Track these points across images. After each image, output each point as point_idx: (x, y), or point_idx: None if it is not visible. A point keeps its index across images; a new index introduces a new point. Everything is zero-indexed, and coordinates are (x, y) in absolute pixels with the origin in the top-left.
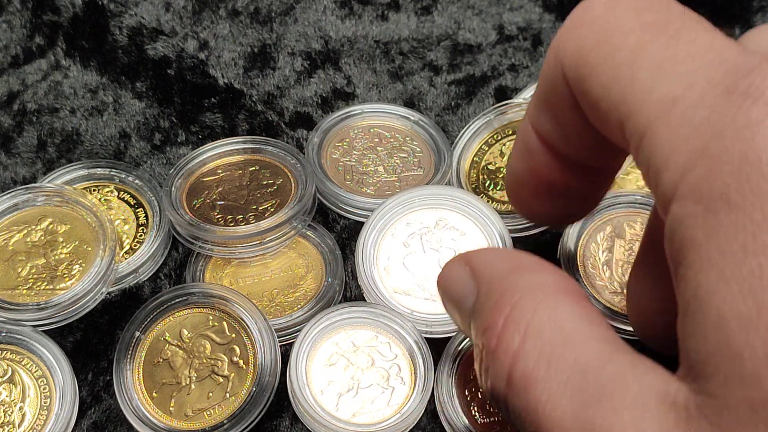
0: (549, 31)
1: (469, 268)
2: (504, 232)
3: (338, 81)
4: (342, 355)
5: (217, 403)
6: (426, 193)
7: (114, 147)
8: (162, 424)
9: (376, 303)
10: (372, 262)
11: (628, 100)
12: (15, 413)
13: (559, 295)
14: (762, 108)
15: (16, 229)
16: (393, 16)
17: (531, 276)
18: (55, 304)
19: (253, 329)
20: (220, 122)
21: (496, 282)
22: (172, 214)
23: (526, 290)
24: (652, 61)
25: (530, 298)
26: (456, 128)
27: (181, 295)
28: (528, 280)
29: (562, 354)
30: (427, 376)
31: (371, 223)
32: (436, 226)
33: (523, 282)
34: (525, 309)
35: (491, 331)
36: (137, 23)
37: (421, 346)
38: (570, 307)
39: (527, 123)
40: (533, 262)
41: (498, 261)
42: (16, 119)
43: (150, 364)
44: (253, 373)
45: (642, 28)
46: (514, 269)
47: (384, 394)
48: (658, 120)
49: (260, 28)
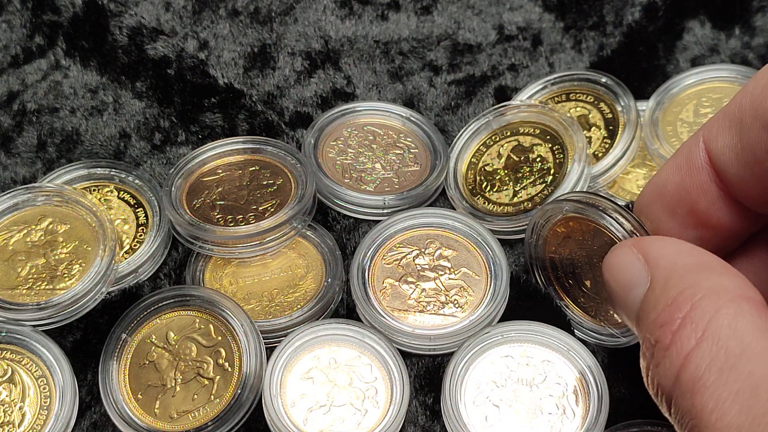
0: (549, 31)
1: (642, 256)
2: (592, 363)
3: (338, 81)
4: (321, 371)
5: (202, 405)
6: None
7: (114, 147)
8: (146, 425)
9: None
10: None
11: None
12: (15, 413)
13: (741, 302)
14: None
15: (16, 229)
16: (393, 16)
17: (715, 277)
18: (55, 304)
19: (240, 332)
20: (220, 122)
21: (676, 278)
22: (172, 214)
23: (708, 291)
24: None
25: (713, 300)
26: (456, 128)
27: (167, 298)
28: (712, 281)
29: (736, 364)
30: (402, 403)
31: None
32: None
33: (707, 282)
34: (705, 311)
35: (667, 327)
36: (137, 23)
37: (402, 374)
38: (751, 316)
39: (698, 138)
40: (717, 263)
41: (679, 255)
42: (16, 119)
43: (136, 366)
44: (238, 376)
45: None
46: (697, 267)
47: (356, 415)
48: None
49: (260, 28)
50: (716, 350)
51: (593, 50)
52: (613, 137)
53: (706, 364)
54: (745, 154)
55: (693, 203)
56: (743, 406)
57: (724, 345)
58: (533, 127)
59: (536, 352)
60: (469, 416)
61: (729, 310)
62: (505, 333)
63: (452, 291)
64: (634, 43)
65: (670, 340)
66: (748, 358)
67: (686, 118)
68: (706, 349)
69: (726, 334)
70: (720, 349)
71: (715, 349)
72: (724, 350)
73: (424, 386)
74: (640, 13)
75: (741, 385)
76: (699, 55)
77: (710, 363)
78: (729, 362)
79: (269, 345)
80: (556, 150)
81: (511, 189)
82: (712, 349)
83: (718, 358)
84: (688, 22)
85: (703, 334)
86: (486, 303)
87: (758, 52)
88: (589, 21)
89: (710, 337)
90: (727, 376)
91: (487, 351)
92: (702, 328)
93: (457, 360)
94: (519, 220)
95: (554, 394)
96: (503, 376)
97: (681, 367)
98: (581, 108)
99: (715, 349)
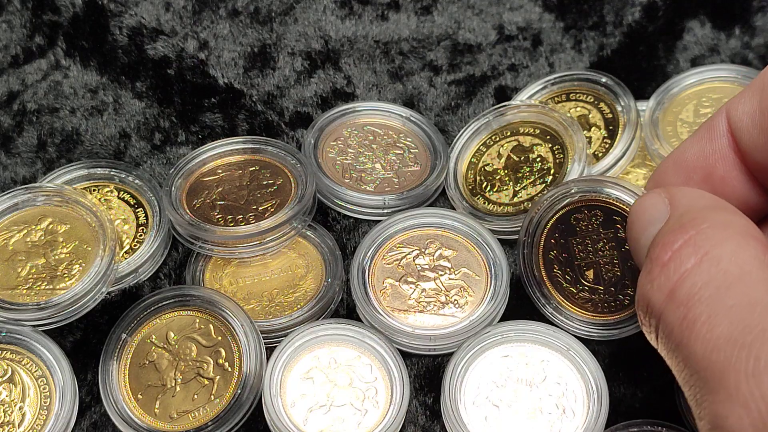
0: (549, 31)
1: (667, 197)
2: (592, 363)
3: (338, 81)
4: (321, 371)
5: (202, 405)
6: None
7: (114, 147)
8: (146, 425)
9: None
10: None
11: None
12: (15, 413)
13: (748, 238)
14: None
15: (16, 229)
16: (393, 16)
17: (727, 215)
18: (55, 304)
19: (240, 332)
20: (220, 122)
21: (691, 211)
22: (172, 214)
23: (717, 223)
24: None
25: (719, 230)
26: (456, 128)
27: (167, 298)
28: (722, 216)
29: (734, 284)
30: (402, 403)
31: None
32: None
33: (717, 216)
34: (710, 237)
35: (668, 246)
36: (137, 23)
37: (402, 374)
38: (755, 251)
39: (722, 109)
40: (733, 208)
41: (699, 197)
42: (16, 119)
43: (136, 366)
44: (238, 376)
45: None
46: (714, 205)
47: (356, 415)
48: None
49: (260, 28)
50: (715, 271)
51: (593, 50)
52: (613, 137)
53: (704, 282)
54: (763, 120)
55: (710, 169)
56: (735, 319)
57: (724, 268)
58: (533, 127)
59: (536, 352)
60: (468, 416)
61: (733, 241)
62: (505, 333)
63: (452, 291)
64: (634, 43)
65: (669, 257)
66: (746, 282)
67: (686, 118)
68: (704, 269)
69: (727, 259)
70: (719, 271)
71: (714, 270)
72: (723, 272)
73: (424, 386)
74: (640, 13)
75: (736, 301)
76: (699, 55)
77: (708, 281)
78: (726, 282)
79: (269, 345)
80: (556, 150)
81: (511, 189)
82: (711, 270)
83: (716, 277)
84: (688, 22)
85: (704, 257)
86: (486, 303)
87: (758, 52)
88: (589, 21)
89: (711, 259)
90: (724, 293)
91: (486, 351)
92: (703, 251)
93: (457, 360)
94: (519, 220)
95: (554, 394)
96: (503, 376)
97: (677, 282)
98: (581, 108)
99: (714, 270)
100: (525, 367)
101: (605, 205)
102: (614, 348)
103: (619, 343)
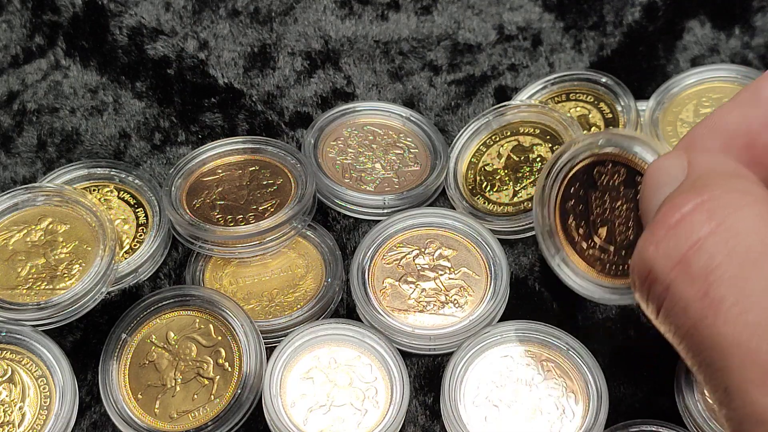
0: (549, 30)
1: (686, 158)
2: (592, 363)
3: (338, 81)
4: (321, 371)
5: (202, 405)
6: None
7: (114, 147)
8: (146, 425)
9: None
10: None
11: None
12: (15, 413)
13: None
14: None
15: (16, 229)
16: (393, 16)
17: (746, 182)
18: (55, 303)
19: (240, 332)
20: (220, 122)
21: (707, 175)
22: (172, 214)
23: (735, 190)
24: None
25: (736, 197)
26: (456, 128)
27: (167, 298)
28: (741, 183)
29: (759, 260)
30: (402, 403)
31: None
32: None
33: (735, 183)
34: (725, 205)
35: (676, 207)
36: (137, 23)
37: (402, 374)
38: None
39: (765, 75)
40: (754, 177)
41: (721, 163)
42: (16, 119)
43: (136, 366)
44: (238, 376)
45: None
46: (734, 172)
47: (356, 415)
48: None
49: (260, 28)
50: (734, 243)
51: (593, 50)
52: None
53: (724, 255)
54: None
55: (753, 136)
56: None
57: (744, 241)
58: (533, 127)
59: (536, 352)
60: (468, 416)
61: (753, 209)
62: (505, 333)
63: (452, 291)
64: (634, 43)
65: (677, 220)
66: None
67: (686, 118)
68: (722, 240)
69: (746, 231)
70: (739, 243)
71: (733, 242)
72: (745, 247)
73: (424, 386)
74: (640, 13)
75: (766, 283)
76: (699, 55)
77: (729, 255)
78: (751, 258)
79: (269, 345)
80: (556, 150)
81: (511, 189)
82: (729, 241)
83: (737, 251)
84: (688, 22)
85: (719, 226)
86: (486, 303)
87: (758, 52)
88: (589, 21)
89: (727, 229)
90: (751, 271)
91: (486, 351)
92: (718, 220)
93: (456, 360)
94: (519, 220)
95: (554, 394)
96: (503, 376)
97: (689, 251)
98: (581, 108)
99: (733, 242)
100: (525, 367)
101: (630, 164)
102: (614, 348)
103: (619, 343)
